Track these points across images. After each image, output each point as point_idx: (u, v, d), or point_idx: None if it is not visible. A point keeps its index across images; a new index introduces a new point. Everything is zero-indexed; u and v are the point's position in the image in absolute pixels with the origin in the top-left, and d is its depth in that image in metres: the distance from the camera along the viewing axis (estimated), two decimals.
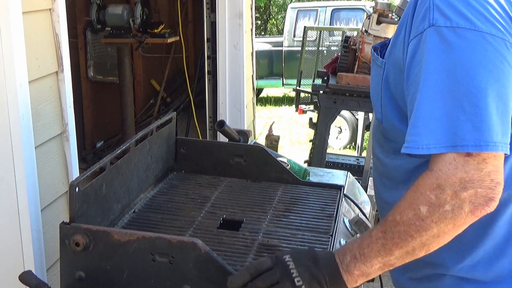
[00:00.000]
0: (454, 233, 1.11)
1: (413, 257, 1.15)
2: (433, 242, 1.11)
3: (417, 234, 1.10)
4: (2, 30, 1.61)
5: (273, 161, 1.91)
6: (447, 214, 1.07)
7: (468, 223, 1.09)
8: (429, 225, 1.09)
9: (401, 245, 1.13)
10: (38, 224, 1.77)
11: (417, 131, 1.10)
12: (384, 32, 3.82)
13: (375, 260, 1.16)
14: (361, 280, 1.19)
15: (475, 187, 1.06)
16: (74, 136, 1.98)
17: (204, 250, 1.21)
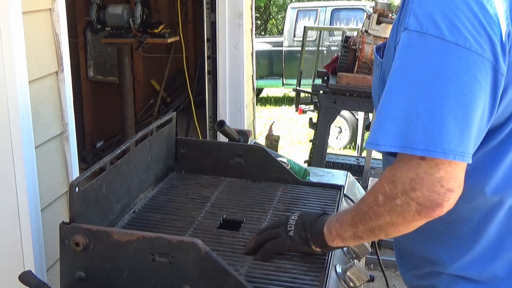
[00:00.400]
0: (407, 225, 1.18)
1: (376, 236, 1.25)
2: (388, 228, 1.20)
3: (374, 217, 1.21)
4: (2, 30, 1.61)
5: (273, 161, 1.91)
6: (397, 207, 1.15)
7: (417, 221, 1.15)
8: (382, 213, 1.18)
9: (363, 222, 1.24)
10: (38, 224, 1.77)
11: (375, 128, 1.15)
12: (384, 32, 3.82)
13: (347, 227, 1.29)
14: (337, 241, 1.33)
15: (423, 190, 1.10)
16: (74, 136, 1.98)
17: (204, 250, 1.21)
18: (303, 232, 1.38)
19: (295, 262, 1.42)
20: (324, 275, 1.36)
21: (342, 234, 1.31)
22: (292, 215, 1.43)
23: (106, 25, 4.40)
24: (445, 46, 1.09)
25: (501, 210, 1.22)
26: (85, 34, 4.99)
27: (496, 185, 1.17)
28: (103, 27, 4.43)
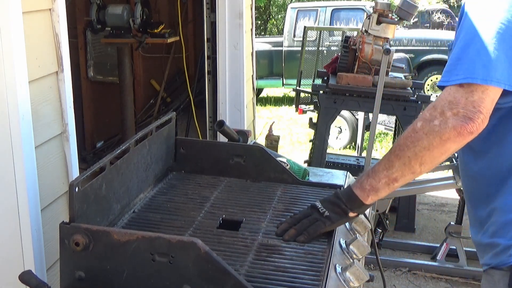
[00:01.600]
0: (441, 147, 1.33)
1: (410, 170, 1.38)
2: (424, 154, 1.35)
3: (411, 144, 1.36)
4: (2, 30, 1.61)
5: (272, 161, 1.91)
6: (435, 127, 1.32)
7: (452, 139, 1.31)
8: (420, 136, 1.34)
9: (400, 156, 1.38)
10: (38, 224, 1.77)
11: (445, 70, 1.38)
12: (384, 32, 3.83)
13: (382, 173, 1.41)
14: (372, 195, 1.45)
15: (458, 108, 1.30)
16: (74, 136, 1.99)
17: (204, 250, 1.22)
18: (337, 207, 1.51)
19: (295, 262, 1.42)
20: (324, 275, 1.36)
21: (376, 185, 1.43)
22: (315, 202, 1.56)
23: (106, 25, 4.40)
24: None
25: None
26: (85, 34, 4.99)
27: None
28: (103, 27, 4.43)
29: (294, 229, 1.52)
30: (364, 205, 1.48)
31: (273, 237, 1.54)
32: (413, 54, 9.04)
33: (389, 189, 1.43)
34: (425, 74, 9.34)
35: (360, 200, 1.47)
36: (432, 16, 15.87)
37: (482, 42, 1.31)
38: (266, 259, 1.42)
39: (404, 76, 4.13)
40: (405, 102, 3.93)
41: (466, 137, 1.30)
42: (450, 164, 3.83)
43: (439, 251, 3.53)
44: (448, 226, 3.52)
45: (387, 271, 3.50)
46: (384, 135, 7.24)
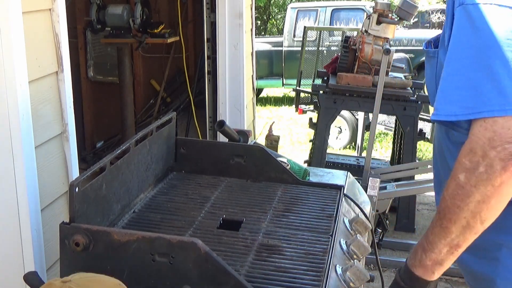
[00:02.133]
0: (498, 195, 1.13)
1: (472, 231, 1.18)
2: (481, 209, 1.14)
3: (463, 203, 1.15)
4: (2, 30, 1.61)
5: (273, 161, 1.91)
6: (482, 175, 1.12)
7: (506, 181, 1.11)
8: (469, 191, 1.13)
9: (454, 219, 1.17)
10: (38, 224, 1.77)
11: (441, 101, 1.18)
12: (384, 32, 3.82)
13: (440, 243, 1.22)
14: (437, 270, 1.25)
15: (502, 144, 1.10)
16: (74, 136, 1.98)
17: (204, 250, 1.21)
18: None
19: (295, 262, 1.42)
20: (324, 275, 1.36)
21: (438, 257, 1.24)
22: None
23: (106, 25, 4.40)
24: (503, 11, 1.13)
25: None
26: (85, 34, 4.99)
27: None
28: (103, 27, 4.42)
29: None
30: (431, 282, 1.28)
31: (273, 237, 1.54)
32: (413, 54, 9.04)
33: (453, 256, 1.24)
34: None
35: (424, 280, 1.27)
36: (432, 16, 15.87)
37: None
38: (267, 259, 1.42)
39: (404, 76, 4.13)
40: (405, 102, 3.93)
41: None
42: None
43: None
44: None
45: (387, 271, 3.50)
46: (384, 135, 7.23)
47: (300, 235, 1.56)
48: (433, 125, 5.18)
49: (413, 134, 3.98)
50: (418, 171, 4.18)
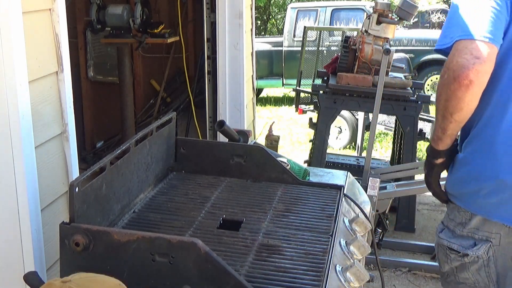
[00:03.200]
0: (454, 97, 1.59)
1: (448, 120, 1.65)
2: (447, 105, 1.61)
3: (438, 99, 1.64)
4: (2, 30, 1.61)
5: (273, 161, 1.91)
6: (444, 81, 1.59)
7: (458, 88, 1.56)
8: (440, 92, 1.62)
9: (437, 109, 1.66)
10: (38, 224, 1.77)
11: (441, 35, 1.66)
12: (384, 32, 3.82)
13: (437, 126, 1.71)
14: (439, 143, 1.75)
15: (457, 59, 1.55)
16: (74, 136, 1.98)
17: (204, 250, 1.22)
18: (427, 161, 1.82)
19: (295, 262, 1.42)
20: (324, 275, 1.36)
21: (437, 134, 1.73)
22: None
23: (106, 25, 4.40)
24: None
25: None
26: (85, 34, 4.98)
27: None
28: (103, 27, 4.42)
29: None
30: (438, 151, 1.76)
31: (273, 237, 1.54)
32: (413, 54, 9.03)
33: (445, 136, 1.71)
34: (425, 74, 9.33)
35: (434, 148, 1.76)
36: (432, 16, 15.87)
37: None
38: (267, 259, 1.42)
39: (404, 76, 4.12)
40: (405, 102, 3.93)
41: (464, 85, 1.54)
42: None
43: None
44: None
45: (387, 271, 3.50)
46: (384, 135, 7.23)
47: (300, 235, 1.56)
48: (433, 125, 5.18)
49: (413, 134, 3.98)
50: (418, 171, 4.17)
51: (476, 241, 1.71)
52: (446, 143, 1.74)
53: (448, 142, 1.74)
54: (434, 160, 1.79)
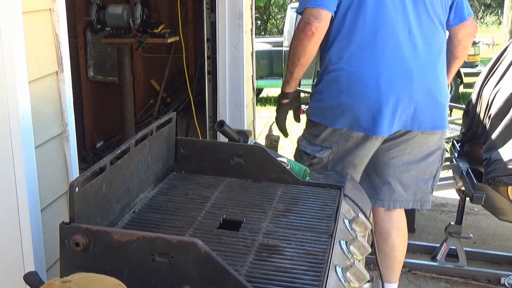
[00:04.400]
0: (301, 46, 2.29)
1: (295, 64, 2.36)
2: (296, 51, 2.32)
3: (289, 51, 2.38)
4: (2, 30, 1.61)
5: (273, 161, 1.91)
6: (295, 34, 2.31)
7: (305, 38, 2.26)
8: (292, 43, 2.35)
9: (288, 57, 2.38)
10: (38, 224, 1.77)
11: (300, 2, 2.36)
12: None
13: (287, 71, 2.41)
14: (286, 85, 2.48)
15: (304, 19, 2.28)
16: (74, 136, 1.98)
17: (204, 250, 1.22)
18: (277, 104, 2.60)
19: (295, 262, 1.42)
20: (324, 275, 1.36)
21: (287, 79, 2.44)
22: None
23: (106, 25, 4.39)
24: None
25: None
26: (85, 34, 4.98)
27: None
28: (103, 27, 4.42)
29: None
30: (285, 93, 2.49)
31: (273, 237, 1.54)
32: None
33: (292, 79, 2.42)
34: None
35: (283, 91, 2.50)
36: None
37: None
38: (267, 260, 1.42)
39: None
40: None
41: (309, 36, 2.25)
42: (450, 164, 3.82)
43: (439, 251, 3.53)
44: (448, 226, 3.51)
45: None
46: None
47: (300, 235, 1.56)
48: None
49: None
50: None
51: (322, 148, 2.42)
52: (292, 87, 2.45)
53: (294, 86, 2.45)
54: (282, 101, 2.51)
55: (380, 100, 2.28)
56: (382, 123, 2.30)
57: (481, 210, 4.32)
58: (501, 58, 3.50)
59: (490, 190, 3.15)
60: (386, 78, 2.28)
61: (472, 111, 3.61)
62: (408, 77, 2.30)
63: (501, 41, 15.42)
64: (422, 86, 2.34)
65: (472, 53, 9.34)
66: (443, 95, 2.43)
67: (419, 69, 2.32)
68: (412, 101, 2.32)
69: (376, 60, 2.29)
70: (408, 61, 2.30)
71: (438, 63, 2.40)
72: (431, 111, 2.39)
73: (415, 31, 2.32)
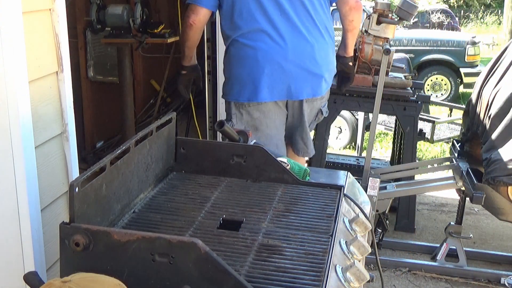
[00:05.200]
0: (185, 33, 2.81)
1: (184, 46, 2.89)
2: (182, 37, 2.87)
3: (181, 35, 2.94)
4: (2, 30, 1.61)
5: (273, 161, 1.91)
6: (182, 23, 2.83)
7: (186, 27, 2.78)
8: (181, 29, 2.96)
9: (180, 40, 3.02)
10: (38, 224, 1.77)
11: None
12: (384, 32, 3.82)
13: (182, 51, 2.95)
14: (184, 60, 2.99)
15: (188, 12, 2.75)
16: (74, 136, 1.99)
17: (204, 250, 1.22)
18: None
19: (295, 262, 1.42)
20: (324, 275, 1.36)
21: (182, 55, 2.97)
22: None
23: (106, 25, 4.39)
24: None
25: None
26: (85, 34, 4.98)
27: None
28: (103, 27, 4.42)
29: None
30: (183, 65, 2.98)
31: (273, 237, 1.54)
32: (413, 54, 9.04)
33: (185, 56, 2.93)
34: (425, 74, 9.34)
35: (181, 63, 2.98)
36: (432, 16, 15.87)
37: None
38: (267, 260, 1.42)
39: (404, 76, 4.12)
40: (405, 102, 3.93)
41: (190, 26, 2.75)
42: (450, 164, 3.83)
43: (439, 251, 3.53)
44: (448, 226, 3.51)
45: (387, 271, 3.50)
46: (384, 135, 7.24)
47: (300, 235, 1.56)
48: (433, 125, 5.18)
49: (413, 134, 3.98)
50: (418, 171, 4.18)
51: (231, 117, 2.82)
52: (186, 61, 2.94)
53: (187, 61, 2.94)
54: (181, 71, 3.00)
55: (259, 71, 2.71)
56: (261, 90, 2.73)
57: (481, 210, 4.32)
58: (501, 58, 3.50)
59: (490, 190, 3.16)
60: (263, 51, 2.70)
61: (472, 111, 3.61)
62: (281, 51, 2.71)
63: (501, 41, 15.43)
64: (296, 59, 2.72)
65: (472, 53, 9.35)
66: (319, 67, 2.79)
67: (293, 44, 2.71)
68: (287, 73, 2.73)
69: (256, 38, 2.72)
70: (281, 38, 2.71)
71: (315, 38, 2.77)
72: (308, 81, 2.79)
73: (288, 9, 2.71)
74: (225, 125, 2.05)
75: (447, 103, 7.23)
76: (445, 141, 5.99)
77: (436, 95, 9.28)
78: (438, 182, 3.78)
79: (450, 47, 9.36)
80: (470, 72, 9.22)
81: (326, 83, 2.90)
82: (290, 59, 2.72)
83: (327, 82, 2.90)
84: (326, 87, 2.92)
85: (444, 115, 7.18)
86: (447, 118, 6.11)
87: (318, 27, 2.79)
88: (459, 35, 11.00)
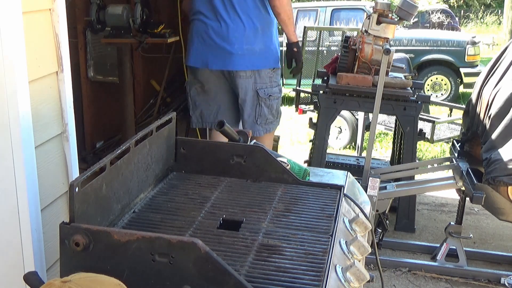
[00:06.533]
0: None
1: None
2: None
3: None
4: (2, 30, 1.61)
5: (273, 161, 1.91)
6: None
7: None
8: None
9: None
10: (38, 224, 1.77)
11: None
12: (384, 32, 3.82)
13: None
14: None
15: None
16: (74, 136, 1.99)
17: (204, 250, 1.22)
18: None
19: (296, 262, 1.42)
20: (324, 275, 1.36)
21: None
22: None
23: (106, 25, 4.39)
24: None
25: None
26: (85, 34, 4.98)
27: None
28: (103, 27, 4.42)
29: None
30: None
31: (273, 237, 1.54)
32: (413, 54, 9.04)
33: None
34: (425, 74, 9.34)
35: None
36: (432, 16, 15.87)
37: None
38: (267, 260, 1.42)
39: (404, 76, 4.12)
40: (405, 102, 3.93)
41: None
42: (450, 164, 3.83)
43: (439, 251, 3.53)
44: (448, 226, 3.51)
45: (387, 271, 3.50)
46: (384, 135, 7.24)
47: (300, 235, 1.56)
48: (433, 125, 5.18)
49: (413, 134, 3.98)
50: (418, 171, 4.18)
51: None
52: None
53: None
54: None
55: (193, 40, 3.69)
56: (191, 56, 3.72)
57: (481, 210, 4.33)
58: (501, 58, 3.50)
59: (490, 190, 3.16)
60: (197, 26, 3.64)
61: (472, 111, 3.61)
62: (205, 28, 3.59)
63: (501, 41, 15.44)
64: (215, 36, 3.55)
65: (472, 53, 9.35)
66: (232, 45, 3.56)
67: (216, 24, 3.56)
68: (208, 46, 3.59)
69: (199, 15, 3.63)
70: (212, 19, 3.57)
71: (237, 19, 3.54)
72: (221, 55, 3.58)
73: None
74: (225, 125, 2.05)
75: (447, 103, 7.23)
76: (445, 141, 5.99)
77: (436, 95, 9.28)
78: (438, 182, 3.78)
79: (450, 47, 9.36)
80: (470, 72, 9.22)
81: (243, 59, 3.61)
82: (210, 34, 3.57)
83: (244, 59, 3.62)
84: (244, 63, 3.63)
85: (444, 115, 7.18)
86: (447, 118, 6.11)
87: (244, 9, 3.52)
88: (459, 35, 10.99)
